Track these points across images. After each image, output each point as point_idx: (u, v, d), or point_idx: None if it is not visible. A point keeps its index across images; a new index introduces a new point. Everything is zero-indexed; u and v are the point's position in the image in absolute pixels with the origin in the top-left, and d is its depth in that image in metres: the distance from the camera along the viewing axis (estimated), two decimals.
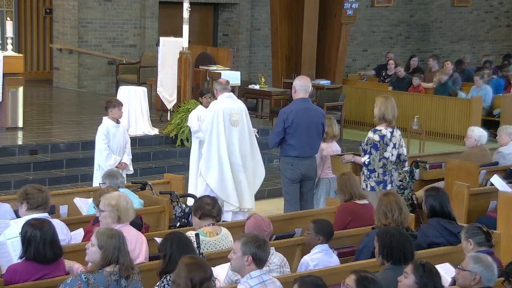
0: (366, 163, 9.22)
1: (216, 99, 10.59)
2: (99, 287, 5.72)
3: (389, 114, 9.22)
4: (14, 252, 6.39)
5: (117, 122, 10.49)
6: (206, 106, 10.96)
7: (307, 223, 7.45)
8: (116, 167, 10.14)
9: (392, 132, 9.28)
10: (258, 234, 6.15)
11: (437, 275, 5.76)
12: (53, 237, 6.20)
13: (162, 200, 8.83)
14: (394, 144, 9.29)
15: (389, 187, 9.20)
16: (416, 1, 24.23)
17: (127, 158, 10.58)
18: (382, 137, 9.21)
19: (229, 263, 6.12)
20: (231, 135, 10.31)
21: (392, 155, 9.28)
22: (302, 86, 9.81)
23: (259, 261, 5.91)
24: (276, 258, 6.77)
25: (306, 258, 7.09)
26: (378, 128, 9.27)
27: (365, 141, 9.28)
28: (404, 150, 9.49)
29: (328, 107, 17.00)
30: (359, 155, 9.42)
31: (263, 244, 5.93)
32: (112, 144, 10.41)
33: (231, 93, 10.61)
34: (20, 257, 6.21)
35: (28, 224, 6.26)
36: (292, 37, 18.83)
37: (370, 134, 9.26)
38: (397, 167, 9.44)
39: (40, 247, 6.11)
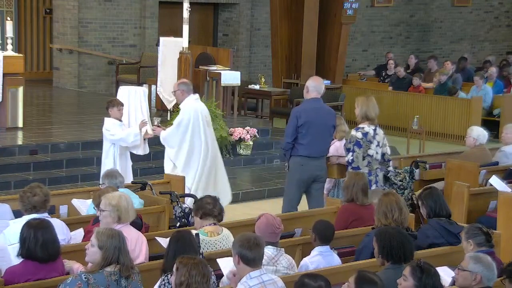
0: (350, 161, 9.23)
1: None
2: (99, 287, 5.71)
3: (371, 112, 9.29)
4: (16, 258, 6.36)
5: (120, 121, 10.53)
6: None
7: (307, 223, 7.43)
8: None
9: (375, 130, 9.29)
10: (251, 235, 6.06)
11: (435, 274, 5.74)
12: (49, 237, 6.17)
13: (162, 200, 8.82)
14: (378, 142, 9.30)
15: (373, 187, 9.15)
16: (416, 1, 24.23)
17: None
18: (365, 134, 9.24)
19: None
20: (207, 136, 10.44)
21: (377, 153, 9.30)
22: (315, 87, 9.66)
23: (247, 261, 5.82)
24: (284, 260, 6.74)
25: (305, 260, 7.06)
26: (360, 126, 9.30)
27: (348, 139, 9.31)
28: (387, 150, 9.50)
29: None
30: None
31: (248, 244, 5.82)
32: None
33: (197, 94, 10.69)
34: (17, 255, 6.21)
35: (26, 224, 6.28)
36: (292, 37, 18.83)
37: (353, 132, 9.30)
38: (382, 167, 9.43)
39: (32, 246, 6.10)
